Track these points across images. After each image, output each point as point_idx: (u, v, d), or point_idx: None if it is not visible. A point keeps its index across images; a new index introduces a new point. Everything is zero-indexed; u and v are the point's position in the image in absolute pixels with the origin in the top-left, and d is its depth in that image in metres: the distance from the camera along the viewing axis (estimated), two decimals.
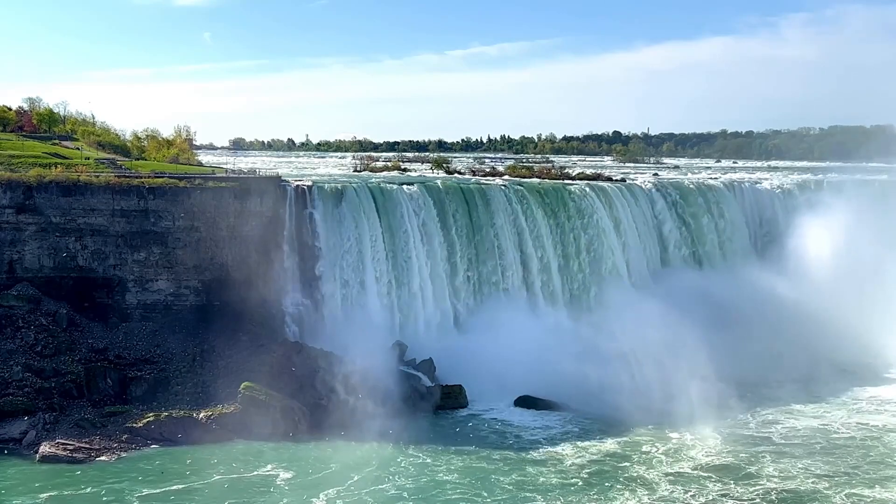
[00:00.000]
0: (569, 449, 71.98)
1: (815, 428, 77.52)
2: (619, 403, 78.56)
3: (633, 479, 65.21)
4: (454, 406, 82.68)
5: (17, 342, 78.60)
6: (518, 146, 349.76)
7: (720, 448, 71.64)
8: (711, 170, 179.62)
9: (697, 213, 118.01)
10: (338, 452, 70.65)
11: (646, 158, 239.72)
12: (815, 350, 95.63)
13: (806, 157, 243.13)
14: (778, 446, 72.57)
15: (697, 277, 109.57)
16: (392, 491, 63.05)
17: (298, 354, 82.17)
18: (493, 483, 64.39)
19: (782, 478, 65.36)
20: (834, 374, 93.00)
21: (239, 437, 73.01)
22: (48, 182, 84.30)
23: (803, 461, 68.84)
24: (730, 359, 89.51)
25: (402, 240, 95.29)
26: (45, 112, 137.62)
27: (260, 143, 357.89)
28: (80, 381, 77.51)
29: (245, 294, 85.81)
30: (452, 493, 62.65)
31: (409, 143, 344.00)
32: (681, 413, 77.56)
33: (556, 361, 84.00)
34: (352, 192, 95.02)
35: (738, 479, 64.97)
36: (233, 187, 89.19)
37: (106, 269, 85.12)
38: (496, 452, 71.01)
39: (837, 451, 71.40)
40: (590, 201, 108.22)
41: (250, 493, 62.27)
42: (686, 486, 63.71)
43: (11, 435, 71.17)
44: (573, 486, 63.98)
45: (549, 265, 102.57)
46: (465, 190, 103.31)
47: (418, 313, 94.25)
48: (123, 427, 72.64)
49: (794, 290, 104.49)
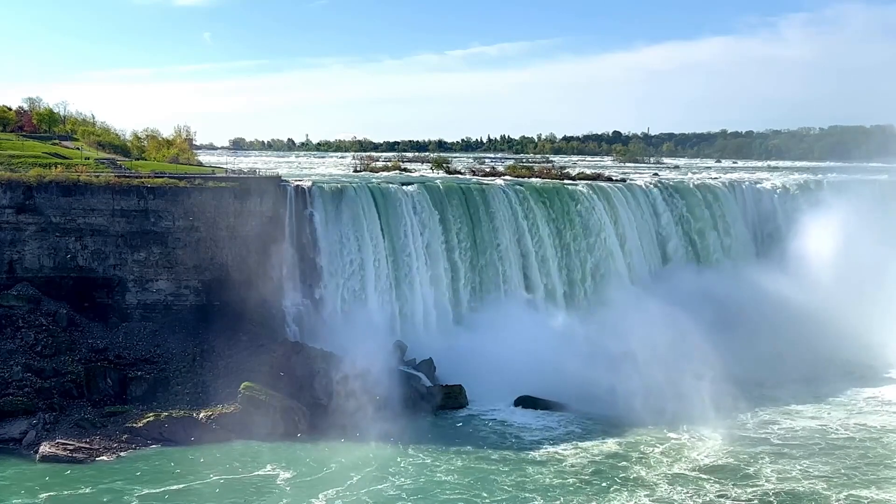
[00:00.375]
0: (569, 449, 72.03)
1: (815, 428, 77.65)
2: (618, 403, 78.77)
3: (633, 480, 65.26)
4: (454, 406, 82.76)
5: (17, 342, 78.70)
6: (518, 146, 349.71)
7: (719, 448, 71.66)
8: (711, 170, 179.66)
9: (697, 213, 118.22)
10: (338, 452, 70.68)
11: (646, 158, 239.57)
12: (815, 350, 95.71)
13: (806, 157, 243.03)
14: (777, 447, 72.63)
15: (697, 277, 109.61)
16: (392, 491, 63.12)
17: (298, 354, 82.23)
18: (493, 483, 64.45)
19: (781, 479, 65.36)
20: (834, 375, 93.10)
21: (239, 437, 73.07)
22: (48, 182, 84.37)
23: (802, 462, 68.90)
24: (730, 359, 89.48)
25: (401, 240, 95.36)
26: (45, 112, 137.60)
27: (260, 143, 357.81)
28: (80, 381, 77.59)
29: (245, 294, 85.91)
30: (452, 494, 62.71)
31: (409, 143, 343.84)
32: (680, 413, 77.58)
33: (556, 361, 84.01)
34: (352, 192, 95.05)
35: (737, 479, 65.07)
36: (233, 187, 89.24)
37: (106, 269, 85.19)
38: (496, 452, 71.07)
39: (836, 451, 71.49)
40: (590, 201, 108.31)
41: (250, 493, 62.34)
42: (684, 486, 63.72)
43: (11, 435, 71.26)
44: (573, 487, 64.03)
45: (548, 265, 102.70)
46: (465, 190, 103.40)
47: (418, 313, 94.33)
48: (123, 427, 72.72)
49: (793, 290, 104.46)
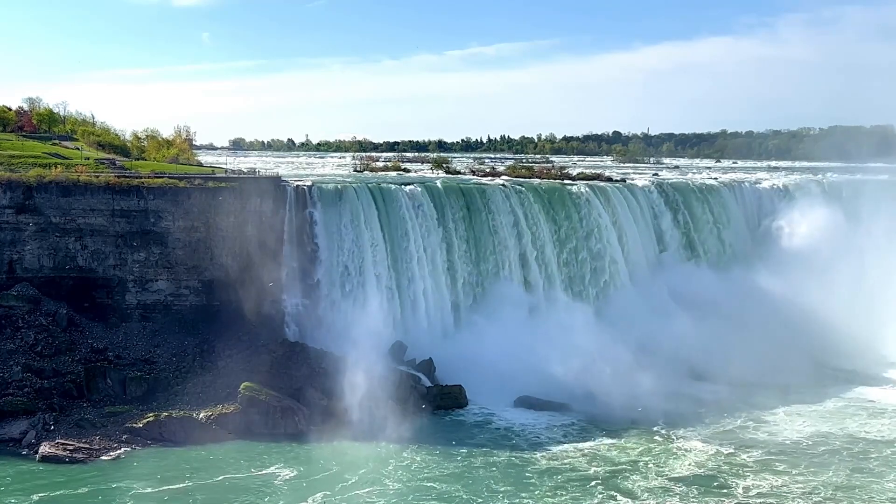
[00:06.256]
0: (568, 449, 72.03)
1: (807, 434, 76.60)
2: (617, 404, 79.00)
3: (631, 480, 65.25)
4: (454, 406, 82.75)
5: (17, 342, 78.67)
6: (518, 146, 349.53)
7: (710, 451, 71.40)
8: (711, 170, 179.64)
9: (697, 213, 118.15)
10: (337, 452, 70.69)
11: (645, 158, 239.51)
12: (813, 351, 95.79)
13: (806, 157, 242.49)
14: (770, 451, 71.99)
15: (697, 278, 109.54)
16: (391, 491, 63.07)
17: (298, 354, 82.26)
18: (493, 483, 64.42)
19: (778, 481, 65.46)
20: (831, 377, 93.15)
21: (239, 437, 73.14)
22: (48, 182, 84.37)
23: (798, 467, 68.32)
24: (730, 359, 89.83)
25: (401, 240, 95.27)
26: (45, 112, 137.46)
27: (260, 143, 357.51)
28: (80, 381, 77.57)
29: (245, 294, 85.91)
30: (452, 493, 62.65)
31: (409, 143, 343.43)
32: (677, 414, 78.03)
33: (556, 361, 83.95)
34: (352, 192, 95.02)
35: (724, 485, 64.53)
36: (233, 187, 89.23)
37: (106, 269, 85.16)
38: (495, 453, 71.03)
39: (827, 462, 69.67)
40: (589, 201, 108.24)
41: (250, 493, 62.32)
42: (678, 488, 63.71)
43: (11, 435, 71.22)
44: (572, 487, 64.01)
45: (548, 265, 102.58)
46: (465, 190, 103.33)
47: (418, 313, 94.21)
48: (123, 427, 72.70)
49: (792, 291, 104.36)
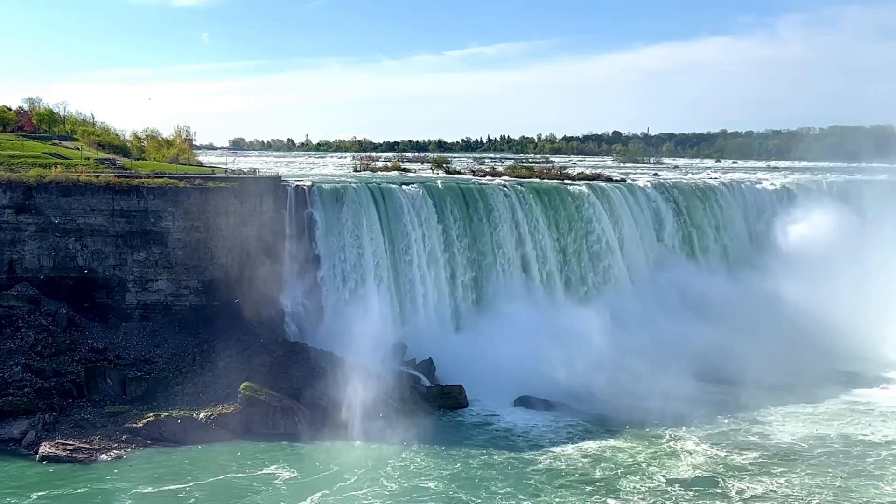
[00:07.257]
0: (568, 450, 71.97)
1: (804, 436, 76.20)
2: (617, 404, 78.83)
3: (629, 480, 65.25)
4: (454, 406, 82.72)
5: (17, 342, 78.67)
6: (518, 146, 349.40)
7: (708, 453, 71.35)
8: (711, 170, 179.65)
9: (697, 213, 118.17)
10: (337, 452, 70.71)
11: (645, 158, 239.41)
12: (812, 351, 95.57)
13: (806, 157, 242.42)
14: (769, 451, 71.89)
15: (696, 278, 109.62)
16: (390, 491, 63.03)
17: (298, 354, 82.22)
18: (492, 484, 64.40)
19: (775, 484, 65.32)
20: (828, 377, 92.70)
21: (239, 437, 73.16)
22: (48, 182, 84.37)
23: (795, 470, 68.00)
24: (730, 360, 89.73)
25: (401, 240, 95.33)
26: (45, 112, 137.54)
27: (260, 143, 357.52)
28: (80, 381, 77.57)
29: (245, 294, 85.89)
30: (451, 494, 62.63)
31: (409, 143, 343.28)
32: (677, 415, 77.87)
33: (556, 362, 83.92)
34: (352, 192, 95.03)
35: (722, 488, 64.38)
36: (233, 187, 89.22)
37: (106, 269, 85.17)
38: (495, 453, 71.01)
39: (824, 464, 69.38)
40: (589, 201, 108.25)
41: (250, 493, 62.33)
42: (677, 490, 63.81)
43: (11, 435, 71.23)
44: (572, 487, 64.02)
45: (548, 265, 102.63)
46: (465, 190, 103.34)
47: (418, 313, 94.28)
48: (123, 427, 72.70)
49: (792, 291, 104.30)
